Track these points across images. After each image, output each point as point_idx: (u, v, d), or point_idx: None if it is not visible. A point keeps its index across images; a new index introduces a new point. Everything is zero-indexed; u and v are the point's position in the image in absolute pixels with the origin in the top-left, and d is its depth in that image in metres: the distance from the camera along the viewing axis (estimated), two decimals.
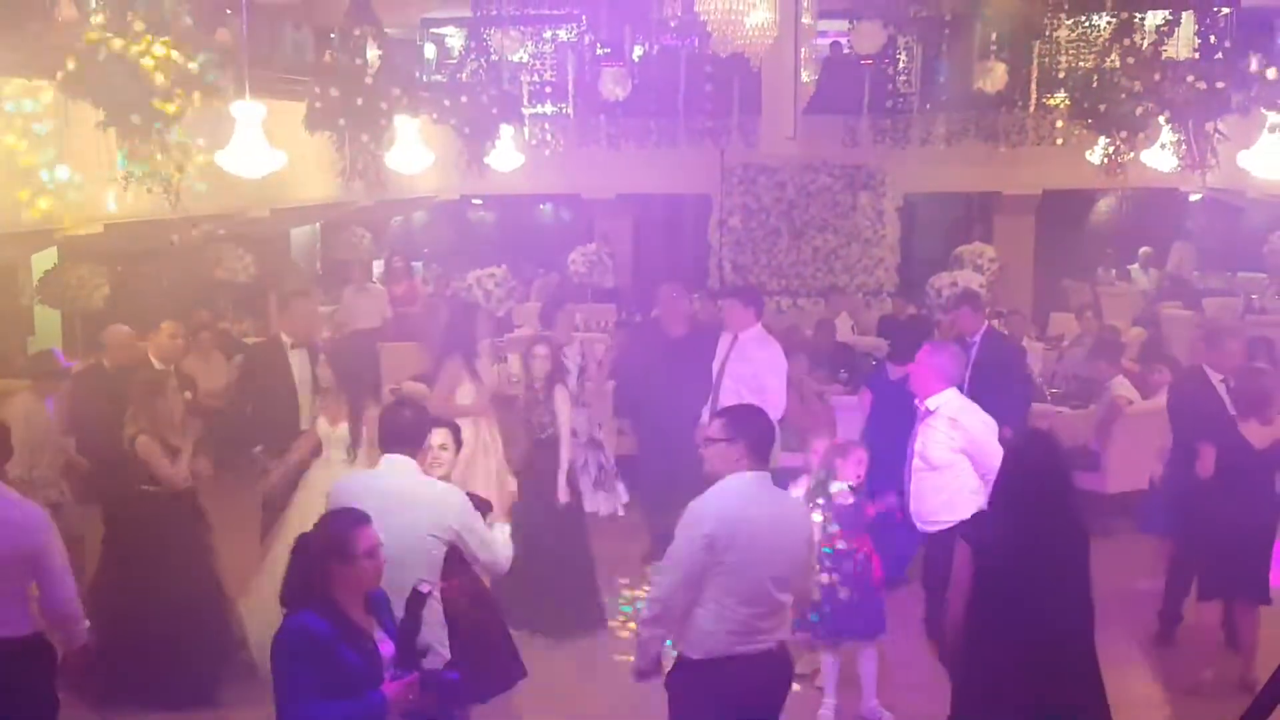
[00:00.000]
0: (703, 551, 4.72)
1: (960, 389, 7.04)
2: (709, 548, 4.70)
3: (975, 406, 6.82)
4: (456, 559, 5.21)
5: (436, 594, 4.91)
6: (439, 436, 5.69)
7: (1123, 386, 10.22)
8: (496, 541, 5.30)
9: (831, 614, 6.75)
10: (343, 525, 4.22)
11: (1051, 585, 4.94)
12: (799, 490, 6.90)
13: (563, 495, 8.20)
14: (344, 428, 7.23)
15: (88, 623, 5.38)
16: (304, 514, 6.68)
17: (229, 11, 12.23)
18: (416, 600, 4.30)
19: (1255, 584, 7.16)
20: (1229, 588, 7.26)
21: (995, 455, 5.97)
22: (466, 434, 8.49)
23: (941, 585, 5.60)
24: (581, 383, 9.78)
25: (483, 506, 5.44)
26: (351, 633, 4.12)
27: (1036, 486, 5.03)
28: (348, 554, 4.13)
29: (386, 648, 4.28)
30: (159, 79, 7.96)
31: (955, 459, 6.65)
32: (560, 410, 8.34)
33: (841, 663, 6.99)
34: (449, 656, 4.82)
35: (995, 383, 8.91)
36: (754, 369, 8.51)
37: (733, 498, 4.82)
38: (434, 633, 4.77)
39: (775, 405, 8.21)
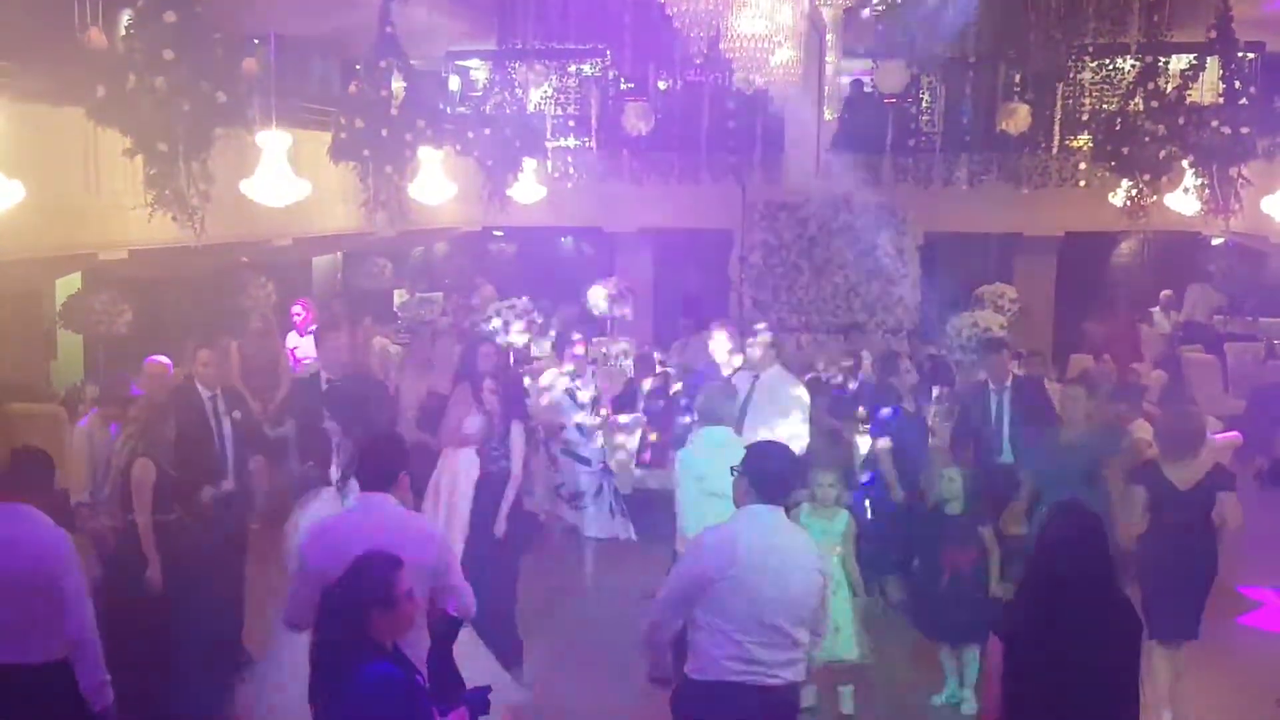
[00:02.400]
0: (694, 576, 4.85)
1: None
2: (701, 573, 4.82)
3: None
4: None
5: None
6: None
7: (1143, 430, 10.15)
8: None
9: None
10: (381, 570, 4.17)
11: (1090, 687, 4.42)
12: None
13: (500, 529, 8.17)
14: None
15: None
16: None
17: (257, 42, 12.36)
18: (448, 627, 4.29)
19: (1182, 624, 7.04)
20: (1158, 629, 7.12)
21: None
22: (471, 464, 8.58)
23: None
24: (595, 412, 9.82)
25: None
26: (410, 672, 4.12)
27: (1071, 571, 4.50)
28: (391, 598, 4.10)
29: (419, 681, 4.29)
30: (186, 107, 8.03)
31: None
32: (515, 446, 8.31)
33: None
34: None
35: (1027, 429, 8.96)
36: (776, 407, 8.48)
37: (732, 528, 4.94)
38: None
39: (797, 442, 8.21)
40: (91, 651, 5.20)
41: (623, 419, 11.20)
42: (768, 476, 4.99)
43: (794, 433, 8.13)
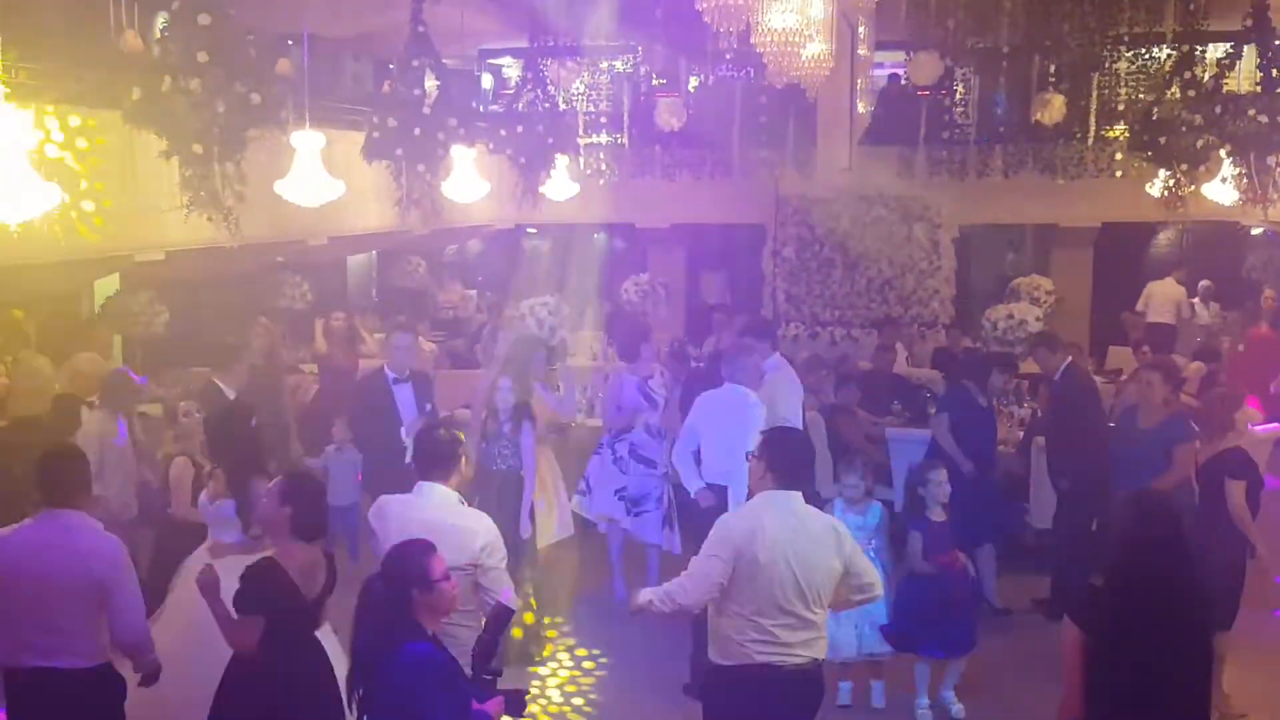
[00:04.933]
0: (716, 562, 4.94)
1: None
2: (722, 559, 4.92)
3: None
4: None
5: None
6: None
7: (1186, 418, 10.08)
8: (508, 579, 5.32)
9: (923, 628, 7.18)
10: (419, 553, 4.29)
11: (1169, 675, 4.39)
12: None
13: (525, 530, 8.18)
14: (227, 504, 6.50)
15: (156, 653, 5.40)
16: (185, 611, 6.02)
17: (290, 42, 12.42)
18: (502, 615, 4.36)
19: None
20: None
21: None
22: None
23: None
24: (665, 416, 9.54)
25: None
26: (449, 655, 4.23)
27: (1154, 561, 4.47)
28: (429, 580, 4.21)
29: None
30: (221, 109, 8.08)
31: None
32: (526, 449, 8.33)
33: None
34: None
35: (1070, 421, 9.05)
36: (770, 397, 8.48)
37: (751, 512, 5.07)
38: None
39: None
40: (147, 648, 5.30)
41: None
42: (786, 462, 5.09)
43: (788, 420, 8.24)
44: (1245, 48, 12.97)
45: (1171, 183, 13.06)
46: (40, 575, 5.01)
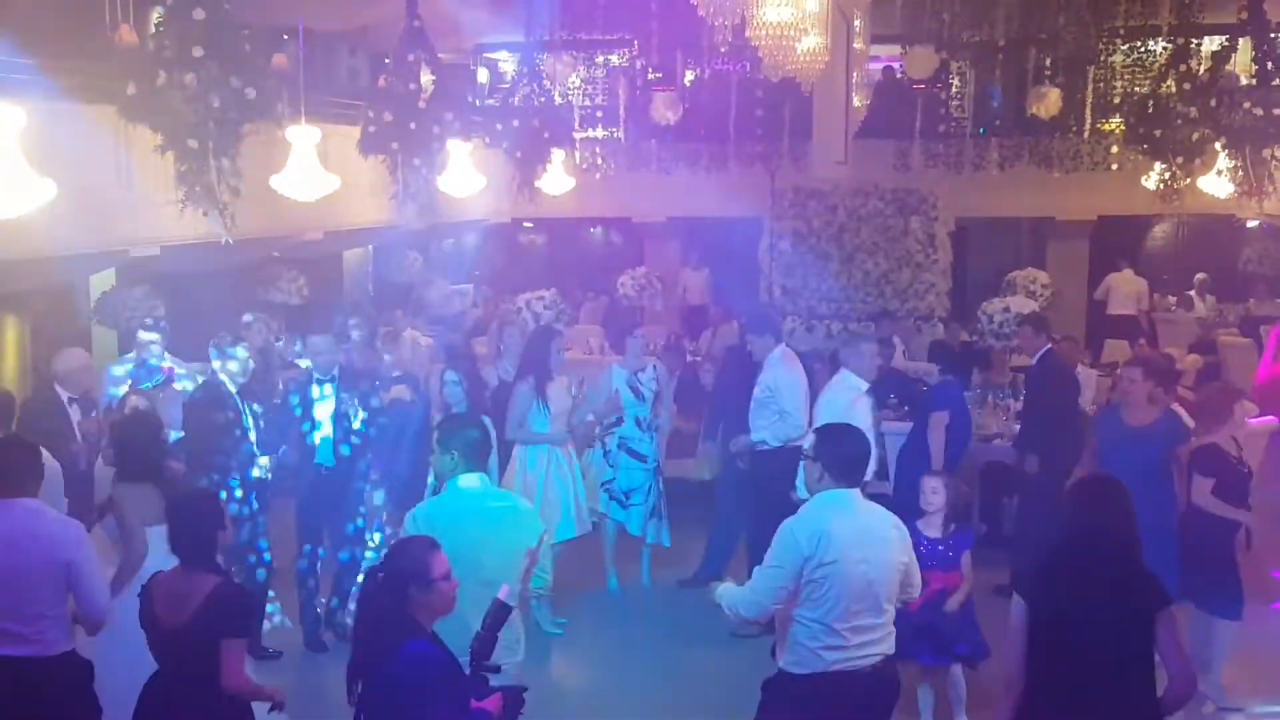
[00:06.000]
0: (780, 573, 4.80)
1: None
2: (786, 569, 4.78)
3: None
4: None
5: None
6: None
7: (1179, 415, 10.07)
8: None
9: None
10: (418, 552, 4.28)
11: (1113, 649, 4.44)
12: None
13: None
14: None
15: None
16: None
17: (286, 37, 12.42)
18: (500, 612, 4.35)
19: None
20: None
21: None
22: (542, 458, 8.55)
23: None
24: (657, 409, 9.49)
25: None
26: (449, 654, 4.20)
27: (1103, 538, 4.54)
28: (427, 579, 4.19)
29: None
30: (216, 104, 8.07)
31: None
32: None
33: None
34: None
35: (1045, 407, 8.99)
36: (771, 392, 8.48)
37: (814, 515, 4.86)
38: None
39: (794, 425, 8.23)
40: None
41: None
42: (843, 460, 4.94)
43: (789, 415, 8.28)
44: (1241, 40, 13.01)
45: (1167, 176, 13.10)
46: (10, 564, 5.05)
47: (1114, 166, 16.76)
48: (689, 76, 19.00)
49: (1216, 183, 12.73)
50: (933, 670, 6.88)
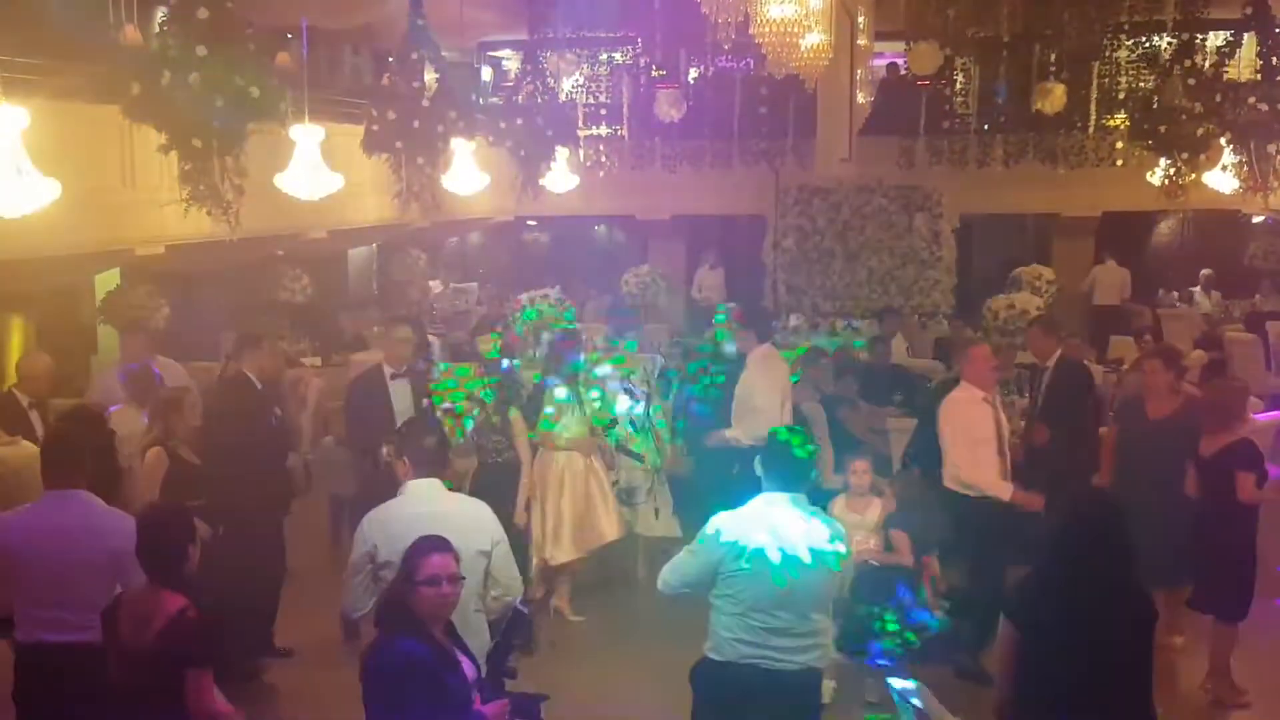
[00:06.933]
0: (708, 560, 4.88)
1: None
2: (717, 559, 4.85)
3: None
4: None
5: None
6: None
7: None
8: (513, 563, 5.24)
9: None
10: (412, 552, 4.29)
11: (1103, 673, 4.34)
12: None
13: (520, 518, 8.16)
14: None
15: None
16: None
17: (290, 36, 12.42)
18: (518, 622, 4.34)
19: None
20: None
21: None
22: (578, 464, 8.58)
23: None
24: (648, 408, 9.54)
25: None
26: (442, 655, 4.19)
27: (1092, 560, 4.39)
28: (413, 579, 4.20)
29: (468, 668, 4.33)
30: (220, 103, 8.08)
31: None
32: (517, 433, 8.32)
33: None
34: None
35: (1061, 417, 8.86)
36: (748, 389, 8.48)
37: (744, 515, 4.91)
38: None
39: (767, 423, 8.16)
40: None
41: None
42: (785, 464, 4.94)
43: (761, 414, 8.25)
44: (1245, 36, 12.99)
45: (1172, 171, 13.08)
46: (63, 553, 5.18)
47: (1119, 162, 16.74)
48: (693, 74, 19.01)
49: (1221, 178, 12.71)
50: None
